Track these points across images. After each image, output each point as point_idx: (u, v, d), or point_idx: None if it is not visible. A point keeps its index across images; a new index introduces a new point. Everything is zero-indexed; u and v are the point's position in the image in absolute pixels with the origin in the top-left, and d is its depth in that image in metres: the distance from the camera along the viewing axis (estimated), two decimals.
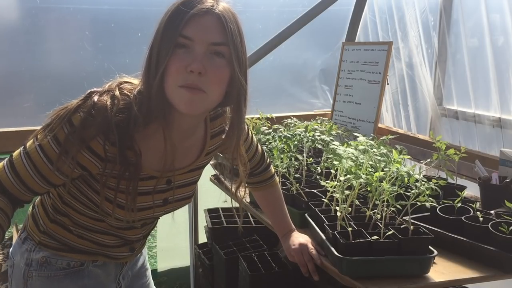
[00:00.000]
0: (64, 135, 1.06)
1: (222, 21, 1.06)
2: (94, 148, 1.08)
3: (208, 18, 1.06)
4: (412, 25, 2.77)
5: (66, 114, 1.08)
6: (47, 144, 1.07)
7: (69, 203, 1.22)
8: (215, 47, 1.06)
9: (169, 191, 1.25)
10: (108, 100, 1.08)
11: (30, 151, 1.09)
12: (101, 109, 1.07)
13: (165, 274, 3.25)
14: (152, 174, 1.18)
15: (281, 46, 2.89)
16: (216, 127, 1.30)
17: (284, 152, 1.85)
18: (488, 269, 1.39)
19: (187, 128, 1.19)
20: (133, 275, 1.44)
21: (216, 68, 1.07)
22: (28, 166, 1.08)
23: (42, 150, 1.08)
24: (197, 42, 1.05)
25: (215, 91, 1.09)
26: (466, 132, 2.51)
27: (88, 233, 1.26)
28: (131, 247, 1.36)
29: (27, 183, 1.09)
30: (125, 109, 1.08)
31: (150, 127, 1.12)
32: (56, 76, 2.60)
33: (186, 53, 1.05)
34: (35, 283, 1.25)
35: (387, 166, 1.42)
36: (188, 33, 1.05)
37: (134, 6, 2.71)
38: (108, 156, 1.09)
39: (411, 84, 2.85)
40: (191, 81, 1.05)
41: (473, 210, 1.57)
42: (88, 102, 1.08)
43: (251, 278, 1.90)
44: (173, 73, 1.05)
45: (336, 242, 1.37)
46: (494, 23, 2.32)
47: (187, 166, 1.26)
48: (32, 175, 1.09)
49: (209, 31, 1.06)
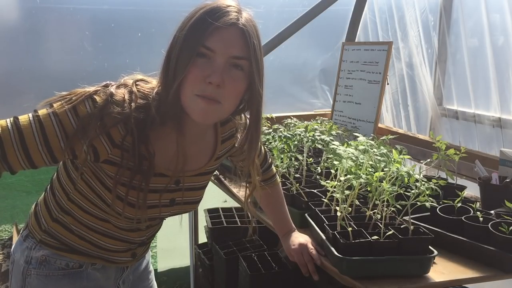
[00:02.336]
0: (85, 110, 1.05)
1: (245, 36, 1.07)
2: (112, 134, 1.08)
3: (232, 31, 1.06)
4: (412, 25, 2.77)
5: (86, 92, 1.08)
6: (64, 114, 1.05)
7: (75, 200, 1.22)
8: (236, 60, 1.07)
9: (177, 191, 1.25)
10: (126, 94, 1.09)
11: (43, 118, 1.04)
12: (119, 101, 1.08)
13: (165, 274, 3.25)
14: (163, 172, 1.18)
15: (281, 46, 2.89)
16: (226, 132, 1.31)
17: (284, 152, 1.85)
18: (488, 269, 1.39)
19: (197, 133, 1.21)
20: (135, 278, 1.44)
21: (233, 80, 1.08)
22: (37, 132, 1.03)
23: (58, 119, 1.04)
24: (219, 54, 1.06)
25: (230, 103, 1.11)
26: (466, 132, 2.51)
27: (90, 233, 1.26)
28: (133, 252, 1.35)
29: (28, 146, 1.02)
30: (143, 108, 1.09)
31: (164, 128, 1.13)
32: (56, 76, 2.60)
33: (207, 63, 1.06)
34: (33, 281, 1.25)
35: (387, 166, 1.42)
36: (211, 45, 1.05)
37: (134, 6, 2.71)
38: (124, 145, 1.09)
39: (411, 84, 2.85)
40: (208, 93, 1.06)
41: (473, 210, 1.57)
42: (107, 91, 1.09)
43: (251, 278, 1.90)
44: (191, 81, 1.06)
45: (336, 242, 1.37)
46: (494, 23, 2.32)
47: (197, 169, 1.27)
48: (37, 139, 1.03)
49: (232, 45, 1.06)
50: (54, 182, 1.28)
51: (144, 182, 1.14)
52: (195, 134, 1.20)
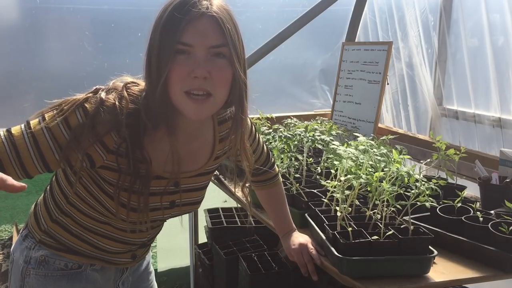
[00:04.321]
0: (76, 120, 1.05)
1: (219, 22, 1.05)
2: (106, 142, 1.08)
3: (205, 21, 1.05)
4: (412, 25, 2.77)
5: (77, 100, 1.07)
6: (56, 127, 1.05)
7: (74, 203, 1.22)
8: (215, 49, 1.06)
9: (176, 193, 1.25)
10: (116, 100, 1.08)
11: (36, 132, 1.04)
12: (111, 108, 1.07)
13: (165, 274, 3.25)
14: (160, 174, 1.18)
15: (281, 46, 2.89)
16: (224, 130, 1.30)
17: (284, 152, 1.85)
18: (488, 269, 1.39)
19: (192, 130, 1.20)
20: (134, 279, 1.44)
21: (219, 69, 1.07)
22: (31, 147, 1.04)
23: (50, 132, 1.04)
24: (197, 47, 1.05)
25: (222, 93, 1.10)
26: (466, 132, 2.51)
27: (89, 235, 1.26)
28: (133, 254, 1.35)
29: (23, 159, 1.03)
30: (133, 113, 1.08)
31: (158, 131, 1.12)
32: (56, 76, 2.60)
33: (187, 58, 1.05)
34: (32, 281, 1.25)
35: (387, 166, 1.42)
36: (187, 40, 1.04)
37: (134, 6, 2.71)
38: (120, 150, 1.09)
39: (411, 84, 2.85)
40: (197, 86, 1.05)
41: (473, 210, 1.57)
42: (97, 97, 1.08)
43: (251, 278, 1.90)
44: (177, 79, 1.05)
45: (336, 242, 1.37)
46: (494, 23, 2.32)
47: (196, 170, 1.26)
48: (31, 153, 1.04)
49: (208, 35, 1.05)
50: (53, 184, 1.28)
51: (144, 186, 1.14)
52: (189, 133, 1.19)
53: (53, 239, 1.26)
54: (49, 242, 1.26)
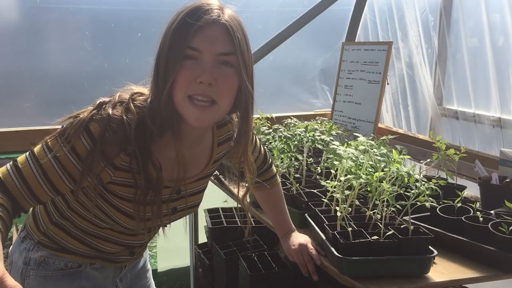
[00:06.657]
0: (83, 148, 1.05)
1: (229, 31, 1.06)
2: (115, 162, 1.09)
3: (215, 28, 1.06)
4: (412, 25, 2.77)
5: (81, 122, 1.06)
6: (65, 156, 1.05)
7: (75, 209, 1.22)
8: (223, 56, 1.07)
9: (178, 200, 1.25)
10: (124, 114, 1.08)
11: (44, 164, 1.05)
12: (119, 124, 1.06)
13: (165, 274, 3.25)
14: (165, 184, 1.18)
15: (281, 46, 2.89)
16: (223, 134, 1.31)
17: (284, 152, 1.85)
18: (488, 269, 1.39)
19: (195, 137, 1.20)
20: (132, 276, 1.44)
21: (225, 77, 1.07)
22: (41, 178, 1.05)
23: (59, 162, 1.05)
24: (205, 53, 1.05)
25: (226, 101, 1.10)
26: (466, 132, 2.51)
27: (89, 238, 1.26)
28: (131, 251, 1.36)
29: (35, 191, 1.06)
30: (140, 124, 1.08)
31: (163, 137, 1.12)
32: (56, 76, 2.60)
33: (195, 64, 1.05)
34: (32, 282, 1.25)
35: (387, 166, 1.42)
36: (196, 45, 1.05)
37: (134, 6, 2.71)
38: (128, 167, 1.10)
39: (411, 84, 2.85)
40: (201, 91, 1.05)
41: (473, 210, 1.57)
42: (103, 114, 1.07)
43: (251, 278, 1.90)
44: (182, 84, 1.05)
45: (336, 242, 1.37)
46: (494, 23, 2.32)
47: (197, 174, 1.26)
48: (42, 185, 1.06)
49: (217, 42, 1.06)
50: None
51: (156, 196, 1.14)
52: (193, 139, 1.19)
53: (52, 241, 1.26)
54: (48, 243, 1.26)
